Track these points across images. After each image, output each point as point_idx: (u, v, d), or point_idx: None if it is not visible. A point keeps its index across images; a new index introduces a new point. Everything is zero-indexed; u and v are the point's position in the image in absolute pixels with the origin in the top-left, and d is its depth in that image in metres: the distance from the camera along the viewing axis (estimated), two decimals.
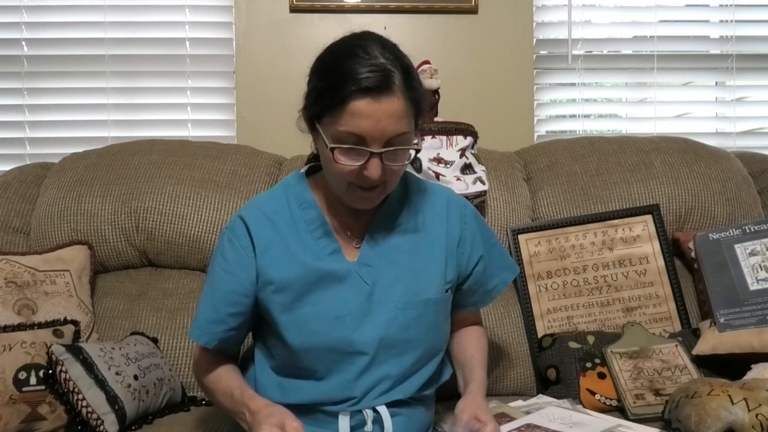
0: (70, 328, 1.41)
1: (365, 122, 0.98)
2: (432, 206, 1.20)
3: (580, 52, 2.19)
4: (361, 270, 1.12)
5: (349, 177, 1.03)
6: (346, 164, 1.01)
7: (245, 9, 2.10)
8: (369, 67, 0.98)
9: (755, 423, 1.08)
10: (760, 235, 1.53)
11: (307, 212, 1.14)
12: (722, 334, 1.43)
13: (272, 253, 1.11)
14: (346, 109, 0.98)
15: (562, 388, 1.46)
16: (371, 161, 1.01)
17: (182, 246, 1.70)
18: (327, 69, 1.03)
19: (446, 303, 1.19)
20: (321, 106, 1.02)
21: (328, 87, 1.00)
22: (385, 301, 1.11)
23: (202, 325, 1.13)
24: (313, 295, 1.10)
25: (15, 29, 2.11)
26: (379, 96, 0.98)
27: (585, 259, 1.68)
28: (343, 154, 1.01)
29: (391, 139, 1.01)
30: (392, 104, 0.99)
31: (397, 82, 1.00)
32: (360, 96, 0.98)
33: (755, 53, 2.24)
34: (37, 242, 1.70)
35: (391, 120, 0.99)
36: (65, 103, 2.13)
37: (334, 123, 1.00)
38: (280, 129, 2.09)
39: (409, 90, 1.02)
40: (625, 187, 1.76)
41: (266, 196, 1.18)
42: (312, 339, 1.08)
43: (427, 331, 1.14)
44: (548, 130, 2.21)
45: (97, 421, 1.24)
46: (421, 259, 1.15)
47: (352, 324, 1.09)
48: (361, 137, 0.99)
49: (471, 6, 2.10)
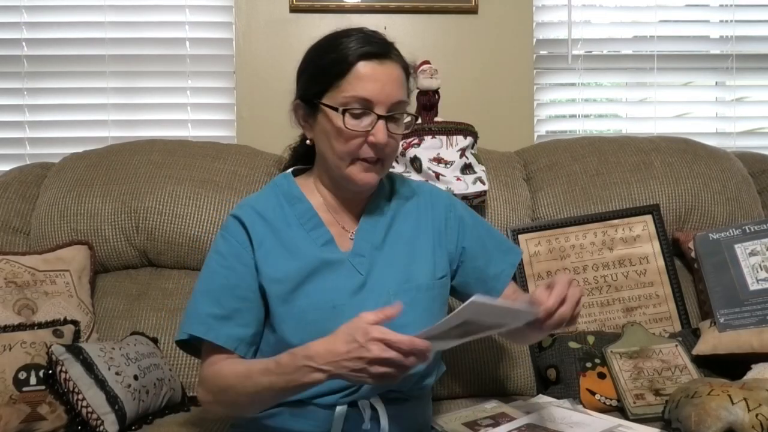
0: (70, 328, 1.41)
1: (372, 85, 1.04)
2: (417, 198, 1.24)
3: (580, 52, 2.19)
4: (355, 260, 1.13)
5: (355, 146, 1.07)
6: (355, 129, 1.05)
7: (245, 9, 2.10)
8: (368, 36, 1.08)
9: (755, 423, 1.08)
10: (760, 235, 1.53)
11: (297, 206, 1.16)
12: (722, 334, 1.43)
13: (266, 248, 1.12)
14: (352, 73, 1.05)
15: (562, 388, 1.46)
16: (378, 124, 1.06)
17: (182, 246, 1.70)
18: (326, 48, 1.09)
19: (440, 290, 1.20)
20: (325, 79, 1.07)
21: (331, 60, 1.06)
22: (378, 289, 1.13)
23: (204, 320, 1.08)
24: (309, 286, 1.10)
25: (15, 29, 2.11)
26: (383, 60, 1.06)
27: (585, 259, 1.68)
28: (353, 117, 1.05)
29: (392, 105, 1.07)
30: (394, 69, 1.07)
31: (394, 52, 1.09)
32: (366, 59, 1.05)
33: (755, 53, 2.24)
34: (37, 242, 1.70)
35: (395, 85, 1.07)
36: (65, 103, 2.13)
37: (340, 91, 1.05)
38: (280, 129, 2.06)
39: (403, 62, 1.11)
40: (625, 187, 1.76)
41: (256, 196, 1.20)
42: (309, 329, 1.07)
43: (421, 316, 1.14)
44: (548, 130, 2.21)
45: (97, 421, 1.24)
46: (410, 249, 1.18)
47: (348, 314, 1.08)
48: (368, 101, 1.05)
49: (471, 6, 2.10)
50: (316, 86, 1.08)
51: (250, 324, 1.11)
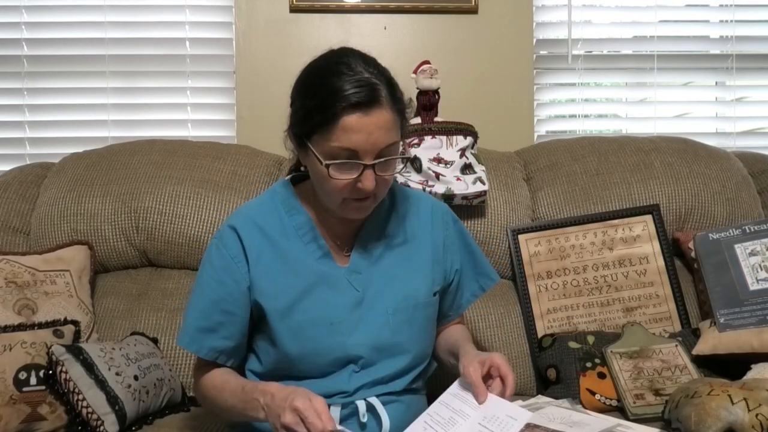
0: (71, 328, 1.41)
1: (357, 136, 1.00)
2: (417, 213, 1.23)
3: (580, 52, 2.19)
4: (351, 277, 1.14)
5: (344, 191, 1.04)
6: (341, 178, 1.02)
7: (245, 9, 2.10)
8: (355, 82, 1.00)
9: (755, 423, 1.08)
10: (760, 235, 1.53)
11: (295, 218, 1.15)
12: (722, 334, 1.43)
13: (264, 262, 1.12)
14: (337, 125, 0.99)
15: (562, 388, 1.46)
16: (365, 173, 1.02)
17: (182, 246, 1.70)
18: (313, 88, 1.04)
19: (434, 307, 1.21)
20: (311, 124, 1.03)
21: (317, 106, 1.01)
22: (376, 306, 1.13)
23: (191, 333, 1.12)
24: (306, 302, 1.11)
25: (15, 29, 2.11)
26: (368, 110, 1.00)
27: (585, 259, 1.68)
28: (337, 169, 1.02)
29: (382, 151, 1.03)
30: (381, 116, 1.01)
31: (383, 95, 1.02)
32: (350, 111, 0.99)
33: (755, 53, 2.24)
34: (37, 242, 1.70)
35: (382, 132, 1.01)
36: (65, 103, 2.13)
37: (326, 140, 1.01)
38: (280, 129, 2.05)
39: (395, 102, 1.04)
40: (625, 187, 1.76)
41: (254, 203, 1.19)
42: (307, 345, 1.09)
43: (417, 333, 1.17)
44: (548, 130, 2.21)
45: (98, 421, 1.24)
46: (409, 265, 1.18)
47: (345, 330, 1.11)
48: (354, 151, 1.01)
49: (471, 6, 2.10)
50: (305, 126, 1.05)
51: (232, 337, 1.13)
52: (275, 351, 1.12)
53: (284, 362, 1.11)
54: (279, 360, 1.12)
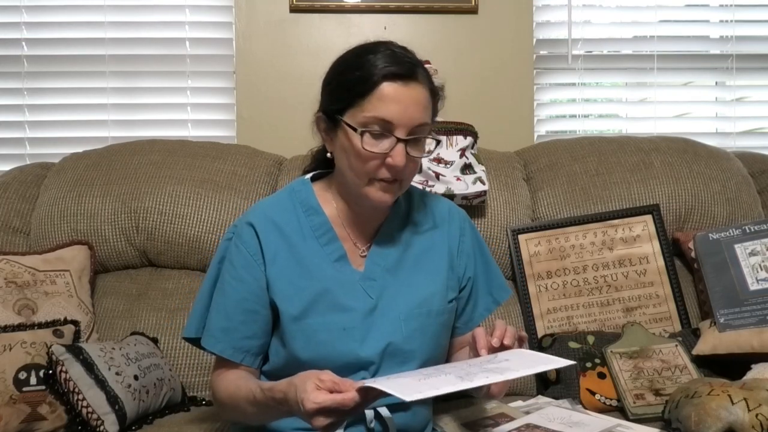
0: (70, 328, 1.41)
1: (394, 107, 1.01)
2: (434, 219, 1.21)
3: (580, 52, 2.19)
4: (365, 284, 1.12)
5: (372, 167, 1.04)
6: (373, 151, 1.02)
7: (245, 9, 2.10)
8: (395, 57, 1.04)
9: (755, 423, 1.08)
10: (760, 235, 1.53)
11: (312, 218, 1.14)
12: (722, 334, 1.43)
13: (280, 262, 1.10)
14: (375, 93, 1.01)
15: (562, 388, 1.46)
16: (397, 148, 1.03)
17: (182, 246, 1.70)
18: (352, 64, 1.06)
19: (449, 314, 1.19)
20: (347, 97, 1.04)
21: (356, 78, 1.03)
22: (389, 313, 1.11)
23: (216, 333, 1.10)
24: (320, 306, 1.09)
25: (15, 29, 2.11)
26: (407, 81, 1.02)
27: (585, 259, 1.68)
28: (371, 138, 1.03)
29: (414, 128, 1.04)
30: (418, 91, 1.04)
31: (420, 72, 1.05)
32: (390, 79, 1.01)
33: (755, 53, 2.23)
34: (37, 242, 1.70)
35: (418, 108, 1.03)
36: (65, 103, 2.13)
37: (362, 111, 1.02)
38: (280, 129, 2.09)
39: (429, 82, 1.07)
40: (625, 187, 1.76)
41: (272, 201, 1.17)
42: (319, 349, 1.08)
43: (430, 341, 1.14)
44: (548, 130, 2.21)
45: (98, 421, 1.24)
46: (424, 272, 1.16)
47: (358, 336, 1.09)
48: (389, 123, 1.02)
49: (471, 6, 2.10)
50: (338, 102, 1.05)
51: (256, 335, 1.11)
52: (285, 352, 1.11)
53: (293, 364, 1.09)
54: (288, 362, 1.10)
